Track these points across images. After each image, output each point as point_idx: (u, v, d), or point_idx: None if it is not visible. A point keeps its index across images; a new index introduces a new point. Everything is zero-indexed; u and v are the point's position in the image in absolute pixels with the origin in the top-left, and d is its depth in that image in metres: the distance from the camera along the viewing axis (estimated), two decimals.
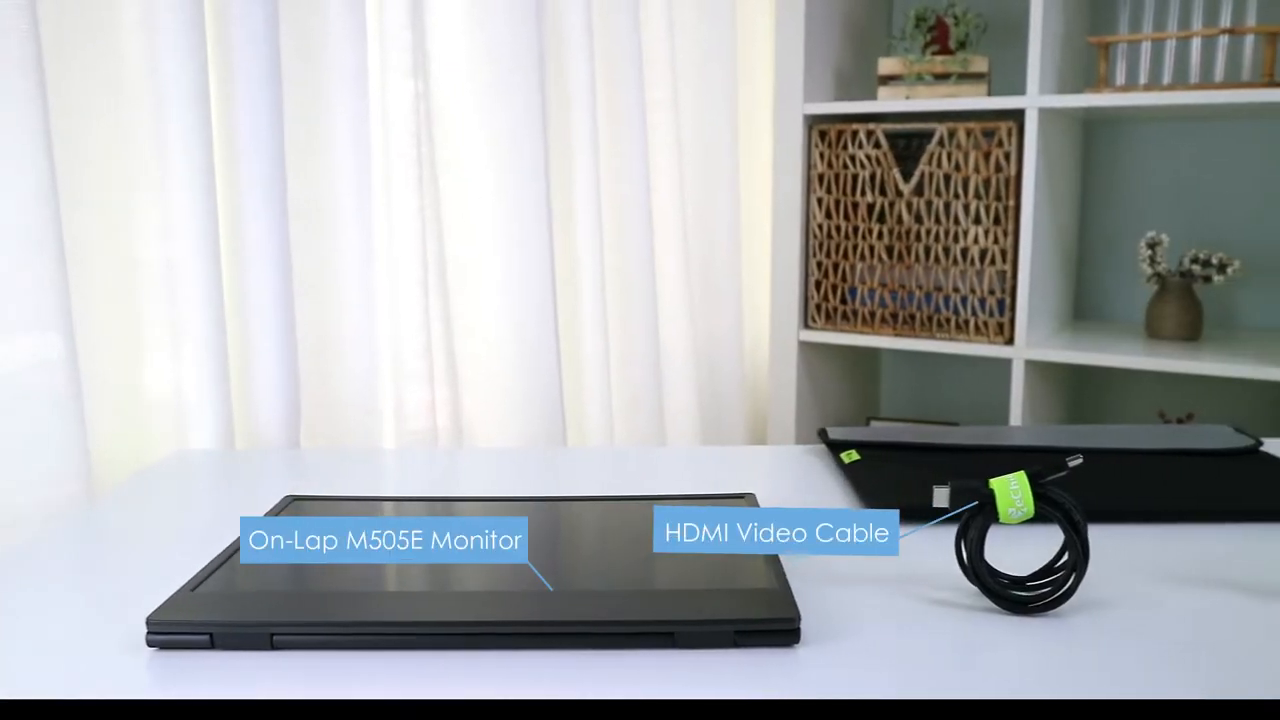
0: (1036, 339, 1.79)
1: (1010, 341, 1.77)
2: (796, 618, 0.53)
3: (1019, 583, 0.61)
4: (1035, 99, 1.67)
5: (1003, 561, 0.67)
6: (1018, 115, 1.77)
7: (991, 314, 1.78)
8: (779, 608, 0.54)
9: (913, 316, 1.85)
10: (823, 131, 1.88)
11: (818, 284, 1.93)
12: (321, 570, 0.61)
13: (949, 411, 2.21)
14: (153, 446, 1.13)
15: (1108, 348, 1.72)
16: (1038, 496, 0.58)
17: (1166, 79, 1.69)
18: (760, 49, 2.08)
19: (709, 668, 0.52)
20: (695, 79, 1.90)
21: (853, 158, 1.86)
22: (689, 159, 1.91)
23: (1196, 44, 1.66)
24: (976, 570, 0.59)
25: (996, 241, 1.75)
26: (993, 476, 0.82)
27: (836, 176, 1.88)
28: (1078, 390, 2.07)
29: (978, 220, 1.77)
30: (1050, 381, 1.88)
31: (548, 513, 0.71)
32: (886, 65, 1.87)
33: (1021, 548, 0.70)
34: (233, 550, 0.65)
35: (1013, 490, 0.58)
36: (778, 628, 0.53)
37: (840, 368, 2.10)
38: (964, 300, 1.80)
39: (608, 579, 0.58)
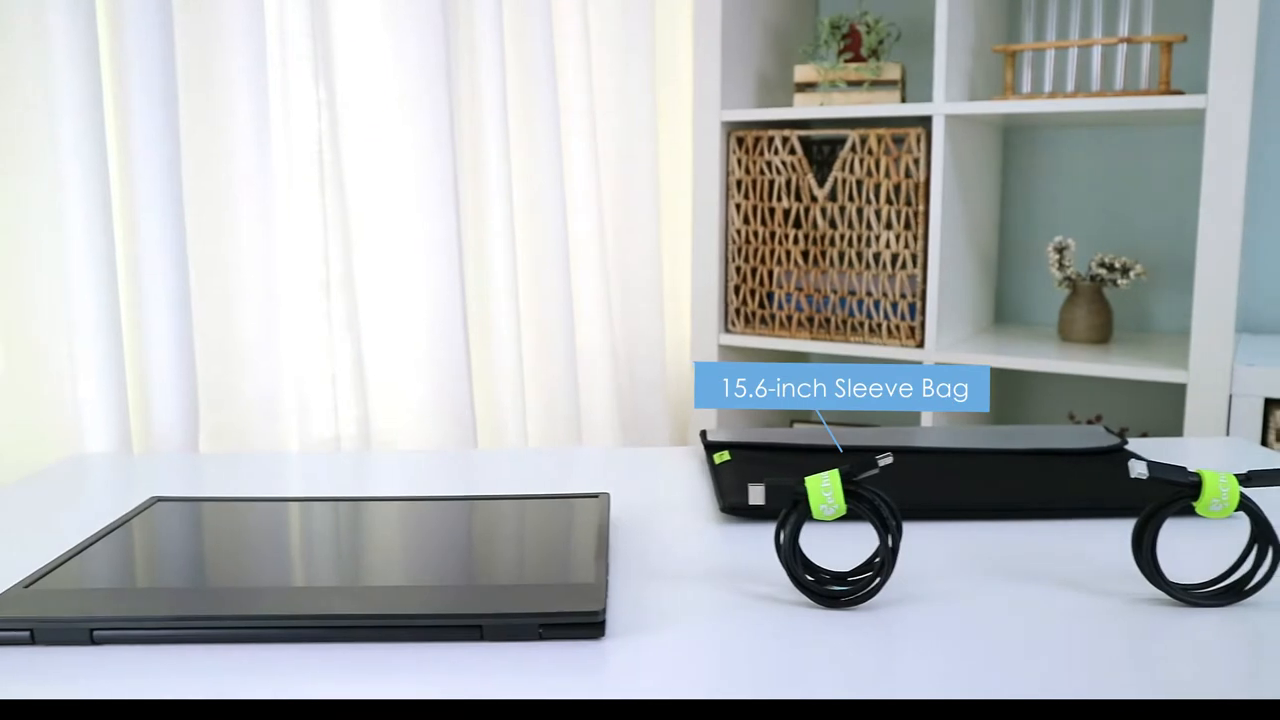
0: (949, 342, 1.81)
1: (921, 345, 1.79)
2: (601, 611, 0.55)
3: (840, 578, 0.62)
4: (942, 106, 1.70)
5: (848, 557, 0.69)
6: (926, 122, 1.79)
7: (903, 318, 1.80)
8: (585, 601, 0.56)
9: (828, 320, 1.88)
10: (740, 138, 1.90)
11: (737, 289, 1.95)
12: (145, 566, 0.62)
13: (875, 414, 2.24)
14: (49, 451, 1.14)
15: (1019, 351, 1.75)
16: (850, 494, 0.60)
17: (1070, 87, 1.73)
18: (681, 55, 2.10)
19: (515, 661, 0.54)
20: (614, 85, 1.92)
21: (769, 164, 1.89)
22: (607, 164, 1.93)
23: (1097, 53, 1.69)
24: (790, 565, 0.61)
25: (907, 246, 1.78)
26: (899, 477, 0.84)
27: (754, 182, 1.91)
28: (996, 393, 2.10)
29: (889, 225, 1.79)
30: None
31: (376, 511, 0.72)
32: (802, 72, 1.90)
33: (874, 543, 0.72)
34: (79, 549, 0.66)
35: (824, 488, 0.60)
36: (583, 620, 0.55)
37: None
38: (876, 304, 1.82)
39: (423, 574, 0.60)
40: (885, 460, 0.60)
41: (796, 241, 1.88)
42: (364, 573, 0.60)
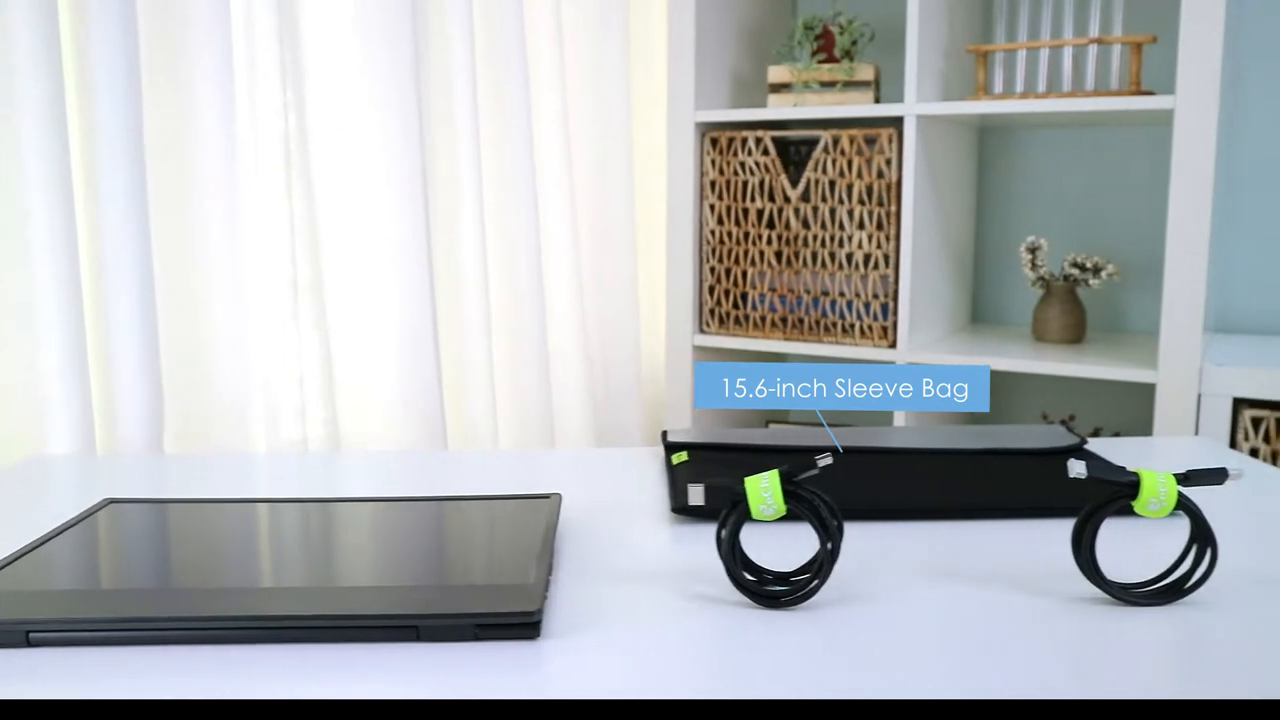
0: (923, 343, 1.82)
1: (894, 345, 1.80)
2: (537, 611, 0.55)
3: (784, 578, 0.62)
4: (913, 106, 1.70)
5: (799, 556, 0.69)
6: (898, 122, 1.80)
7: (876, 318, 1.80)
8: (521, 601, 0.56)
9: (801, 320, 1.88)
10: (714, 138, 1.91)
11: (711, 289, 1.95)
12: (88, 569, 0.62)
13: (852, 414, 2.24)
14: (11, 452, 1.13)
15: (993, 351, 1.76)
16: (789, 495, 0.60)
17: (1042, 87, 1.73)
18: (657, 56, 2.10)
19: (450, 662, 0.54)
20: (588, 86, 1.92)
21: (743, 164, 1.89)
22: (581, 166, 1.93)
23: (1068, 53, 1.69)
24: (729, 565, 0.61)
25: (880, 246, 1.78)
26: (849, 477, 0.84)
27: (728, 183, 1.91)
28: None
29: (862, 226, 1.79)
30: None
31: (321, 513, 0.72)
32: (776, 73, 1.90)
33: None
34: (24, 551, 0.65)
35: (763, 488, 0.60)
36: (518, 621, 0.55)
37: None
38: (849, 305, 1.83)
39: (361, 575, 0.60)
40: (824, 461, 0.60)
41: (770, 242, 1.88)
42: (301, 574, 0.60)
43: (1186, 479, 0.60)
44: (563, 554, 0.70)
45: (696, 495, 0.62)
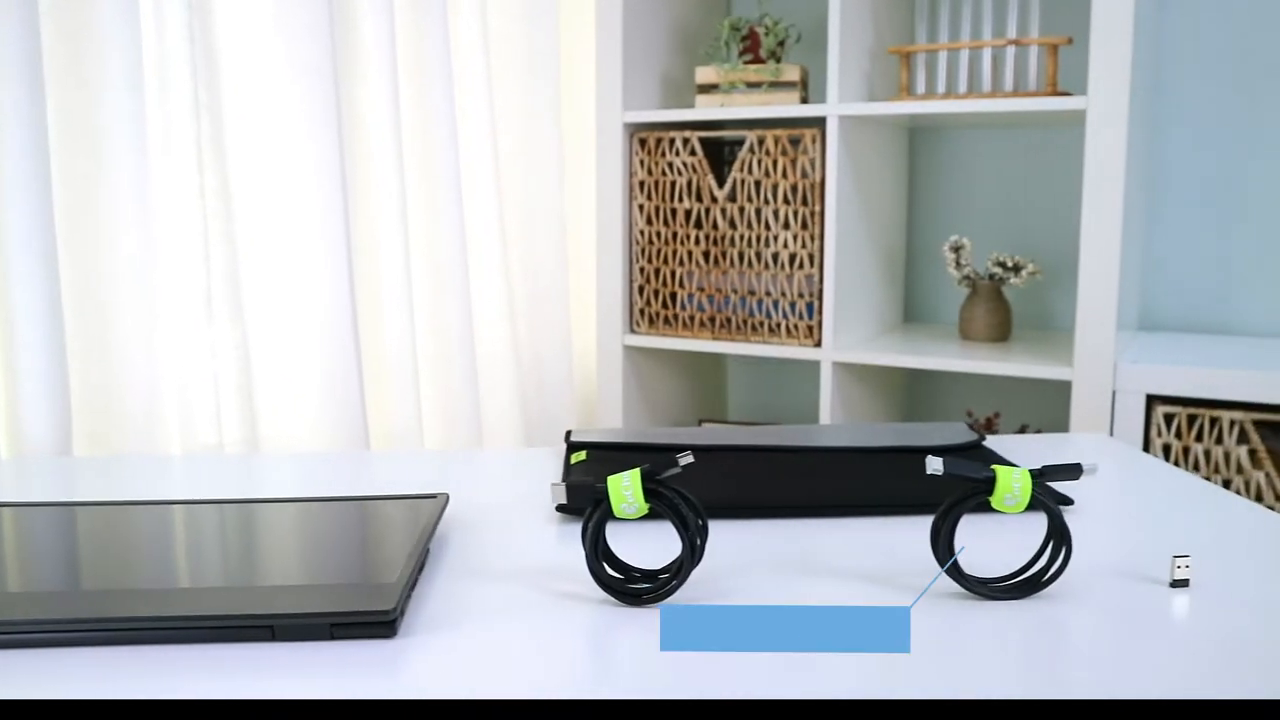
0: (849, 342, 1.83)
1: (819, 344, 1.81)
2: (393, 610, 0.55)
3: (652, 576, 0.63)
4: (835, 107, 1.72)
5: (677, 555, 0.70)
6: (822, 123, 1.81)
7: (801, 317, 1.82)
8: (378, 600, 0.56)
9: (729, 320, 1.89)
10: (643, 139, 1.91)
11: (641, 289, 1.96)
12: None
13: (787, 413, 2.25)
14: None
15: (919, 350, 1.77)
16: (651, 493, 0.61)
17: (963, 88, 1.75)
18: (587, 57, 2.11)
19: (304, 661, 0.54)
20: (518, 87, 1.92)
21: (670, 165, 1.90)
22: (509, 165, 1.93)
23: (988, 54, 1.71)
24: (592, 563, 0.61)
25: (804, 246, 1.80)
26: (727, 476, 0.85)
27: (656, 183, 1.92)
28: (904, 392, 2.13)
29: (787, 225, 1.81)
30: (869, 384, 1.93)
31: (193, 514, 0.72)
32: (703, 74, 1.91)
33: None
34: None
35: (624, 487, 0.60)
36: (374, 620, 0.55)
37: (675, 372, 2.13)
38: (775, 304, 1.84)
39: (222, 576, 0.60)
40: (686, 459, 0.61)
41: (698, 242, 1.89)
42: (164, 575, 0.60)
43: (1041, 475, 0.62)
44: (444, 554, 0.70)
45: (559, 495, 0.62)
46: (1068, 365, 1.63)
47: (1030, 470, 0.61)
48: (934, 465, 0.60)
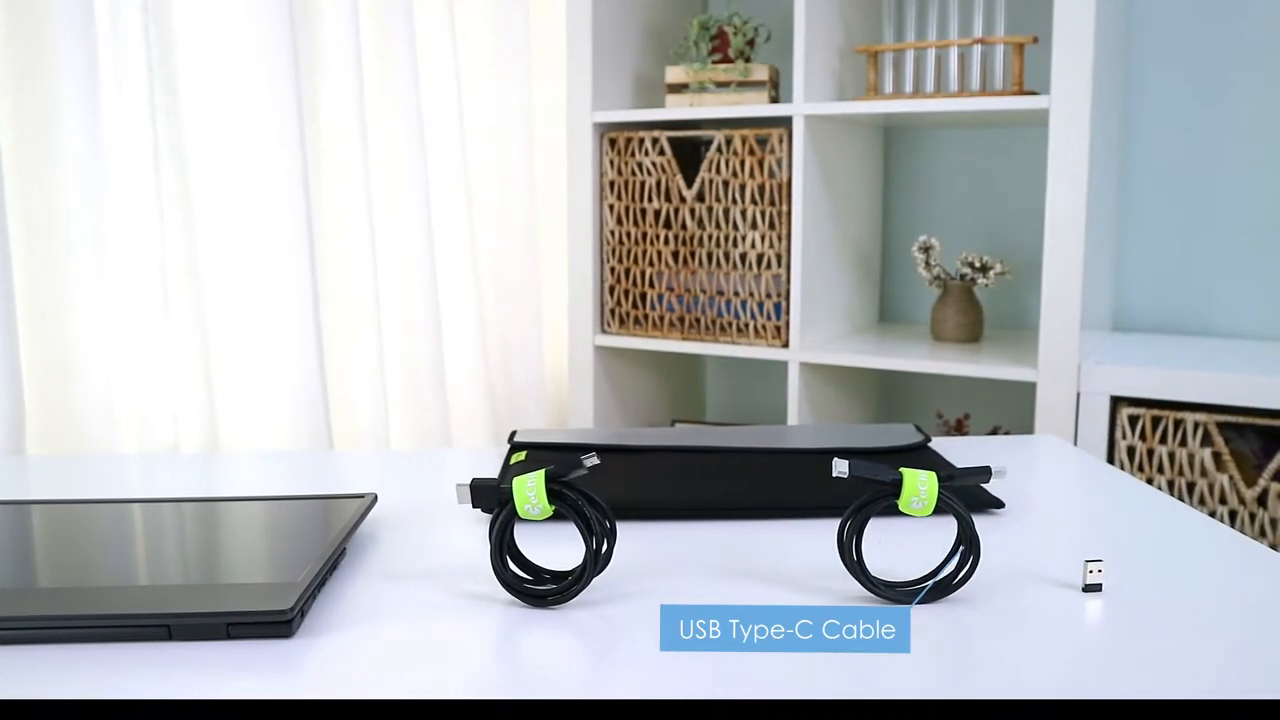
0: (818, 342, 1.83)
1: (786, 345, 1.81)
2: (290, 610, 0.55)
3: (561, 577, 0.63)
4: (801, 106, 1.72)
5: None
6: (789, 122, 1.81)
7: (769, 317, 1.82)
8: (277, 600, 0.56)
9: (699, 320, 1.89)
10: (613, 139, 1.91)
11: (612, 289, 1.96)
12: None
13: (763, 414, 2.25)
14: None
15: (888, 351, 1.77)
16: (556, 494, 0.61)
17: (930, 87, 1.75)
18: (559, 57, 2.10)
19: (201, 661, 0.54)
20: (487, 86, 1.92)
21: (640, 165, 1.90)
22: (479, 164, 1.93)
23: (954, 54, 1.71)
24: (496, 564, 0.61)
25: (772, 246, 1.80)
26: (652, 477, 0.84)
27: (626, 183, 1.92)
28: (876, 393, 2.13)
29: (754, 225, 1.81)
30: (839, 385, 1.93)
31: (107, 513, 0.72)
32: (673, 74, 1.91)
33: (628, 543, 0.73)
34: None
35: (529, 488, 0.60)
36: (271, 620, 0.55)
37: (650, 372, 2.13)
38: (744, 304, 1.84)
39: (122, 575, 0.60)
40: (591, 461, 0.61)
41: (667, 242, 1.89)
42: (64, 575, 0.60)
43: (950, 478, 0.62)
44: (366, 554, 0.70)
45: (463, 495, 0.62)
46: (1033, 367, 1.63)
47: (939, 474, 0.61)
48: (840, 468, 0.60)
